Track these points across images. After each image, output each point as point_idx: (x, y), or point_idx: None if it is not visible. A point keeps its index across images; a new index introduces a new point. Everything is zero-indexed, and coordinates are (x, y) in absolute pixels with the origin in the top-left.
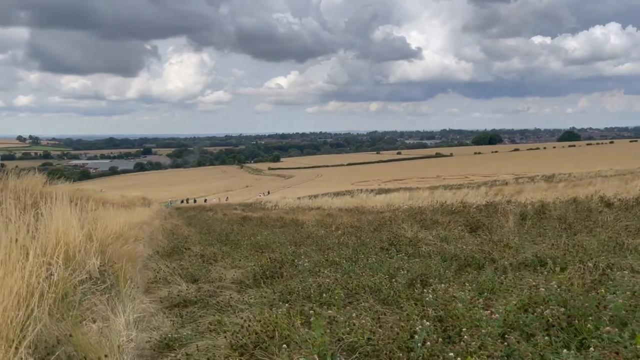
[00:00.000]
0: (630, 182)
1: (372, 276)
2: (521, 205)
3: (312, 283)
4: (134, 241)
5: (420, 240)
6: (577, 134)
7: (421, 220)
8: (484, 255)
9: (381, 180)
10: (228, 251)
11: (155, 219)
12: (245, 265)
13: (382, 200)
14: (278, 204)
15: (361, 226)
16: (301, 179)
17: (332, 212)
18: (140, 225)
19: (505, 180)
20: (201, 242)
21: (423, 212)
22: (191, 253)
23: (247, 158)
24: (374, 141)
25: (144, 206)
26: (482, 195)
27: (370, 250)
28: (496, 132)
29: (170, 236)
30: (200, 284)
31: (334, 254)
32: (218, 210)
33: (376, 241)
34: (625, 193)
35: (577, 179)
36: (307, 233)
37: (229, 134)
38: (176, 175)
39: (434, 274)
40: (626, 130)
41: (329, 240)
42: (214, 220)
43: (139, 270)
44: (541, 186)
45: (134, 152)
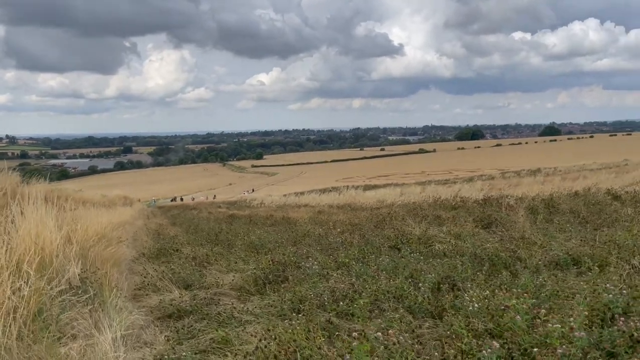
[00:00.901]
0: (624, 174)
1: (390, 279)
2: (524, 199)
3: (324, 289)
4: (118, 242)
5: (430, 237)
6: (557, 128)
7: (423, 216)
8: (509, 254)
9: (365, 177)
10: (222, 252)
11: (138, 218)
12: (244, 269)
13: (373, 196)
14: (264, 202)
15: (360, 223)
16: (285, 176)
17: (323, 209)
18: (123, 225)
19: (491, 175)
20: (190, 242)
21: (421, 207)
22: (181, 255)
23: (230, 156)
24: (357, 138)
25: (125, 205)
26: (478, 190)
27: (378, 250)
28: (478, 127)
29: (155, 236)
30: (194, 290)
31: (341, 254)
32: (202, 208)
33: (381, 239)
34: (624, 185)
35: (563, 172)
36: (303, 231)
37: (211, 132)
38: (158, 174)
39: (462, 277)
40: (605, 124)
41: (330, 239)
42: (199, 219)
43: (125, 277)
44: (538, 179)
45: (114, 150)
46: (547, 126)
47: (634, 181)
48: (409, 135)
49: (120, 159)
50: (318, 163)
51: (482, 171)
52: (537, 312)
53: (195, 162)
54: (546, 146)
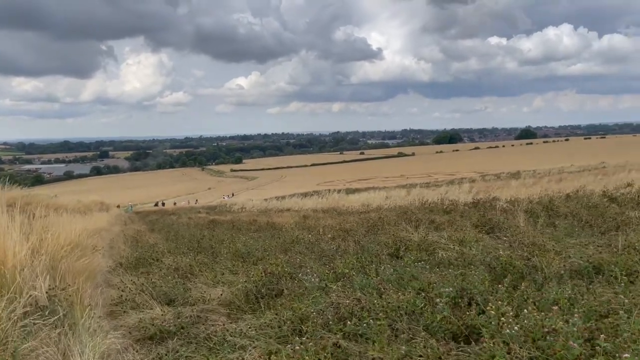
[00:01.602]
0: (610, 176)
1: (398, 293)
2: (519, 202)
3: (326, 305)
4: (93, 252)
5: (431, 244)
6: (533, 132)
7: (416, 220)
8: (523, 262)
9: (346, 181)
10: (206, 262)
11: (115, 224)
12: (232, 281)
13: (357, 200)
14: (245, 206)
15: (351, 228)
16: (265, 180)
17: (308, 214)
18: (99, 232)
19: (471, 178)
20: (171, 250)
21: (412, 211)
22: (162, 265)
23: (209, 160)
24: (337, 142)
25: (101, 211)
26: (465, 193)
27: (378, 258)
28: (456, 131)
29: (133, 244)
30: (178, 306)
31: (338, 263)
32: (182, 214)
33: (378, 246)
34: (612, 187)
35: (542, 175)
36: (291, 238)
37: (189, 136)
38: (135, 179)
39: (479, 290)
40: (579, 128)
41: (323, 246)
42: (179, 224)
43: (100, 293)
44: (526, 182)
45: (90, 155)
46: (523, 129)
47: (623, 183)
48: (388, 139)
49: (97, 164)
50: (298, 167)
51: (462, 174)
52: (588, 335)
53: (174, 167)
54: (523, 149)
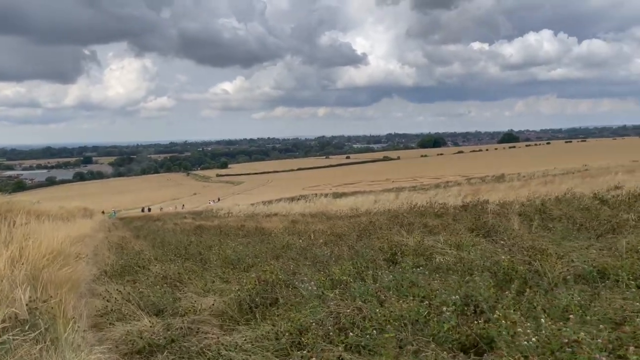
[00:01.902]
0: (596, 178)
1: (399, 300)
2: (511, 204)
3: (325, 315)
4: (76, 260)
5: (427, 248)
6: (515, 135)
7: (409, 224)
8: (525, 267)
9: (332, 185)
10: (196, 270)
11: (99, 231)
12: (224, 289)
13: (345, 204)
14: (231, 211)
15: (343, 233)
16: (251, 185)
17: (296, 218)
18: (82, 238)
19: (457, 181)
20: (158, 257)
21: (403, 215)
22: (149, 273)
23: (194, 165)
24: (323, 146)
25: (85, 217)
26: (455, 196)
27: (374, 263)
28: (440, 135)
29: (118, 251)
30: (167, 317)
31: (334, 269)
32: (167, 219)
33: (373, 251)
34: (599, 190)
35: (527, 178)
36: (282, 243)
37: (174, 141)
38: (119, 185)
39: (485, 296)
40: (560, 131)
41: (316, 251)
42: (164, 230)
43: (84, 304)
44: (514, 185)
45: (73, 161)
46: (505, 133)
47: (611, 185)
48: (373, 143)
49: (80, 170)
50: (284, 172)
51: (447, 178)
52: (613, 345)
53: (158, 172)
54: (506, 152)
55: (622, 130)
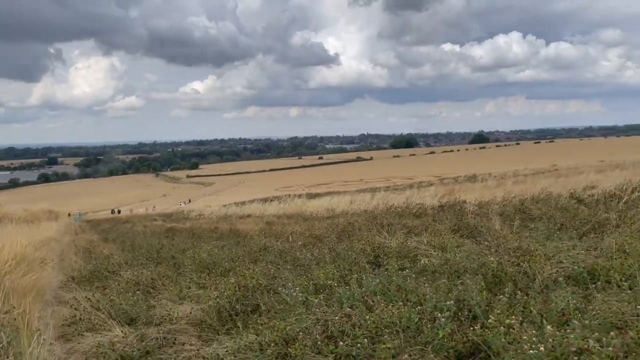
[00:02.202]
0: (568, 177)
1: (388, 305)
2: (489, 204)
3: (312, 323)
4: (41, 265)
5: (411, 250)
6: (486, 136)
7: (388, 225)
8: (513, 269)
9: (305, 185)
10: (170, 275)
11: (65, 234)
12: (201, 296)
13: (321, 205)
14: (203, 213)
15: (322, 235)
16: (223, 186)
17: (271, 220)
18: (48, 242)
19: (429, 182)
20: (128, 262)
21: (381, 216)
22: (119, 279)
23: (163, 166)
24: (295, 147)
25: (50, 220)
26: (431, 196)
27: (358, 266)
28: (412, 135)
29: (86, 256)
30: (141, 327)
31: (317, 273)
32: (136, 221)
33: (354, 253)
34: (574, 190)
35: (498, 178)
36: (258, 246)
37: (143, 142)
38: (86, 186)
39: (477, 300)
40: (529, 132)
41: (297, 254)
42: (134, 233)
43: (51, 313)
44: (490, 185)
45: (37, 162)
46: (476, 134)
47: (585, 185)
48: (346, 143)
49: (45, 171)
50: (256, 172)
51: (420, 178)
52: (624, 354)
53: (127, 173)
54: (477, 153)
55: (589, 131)
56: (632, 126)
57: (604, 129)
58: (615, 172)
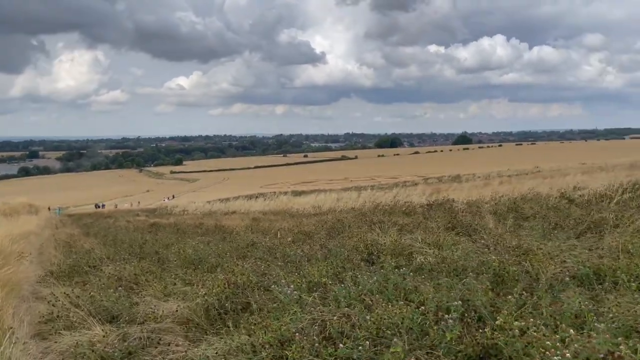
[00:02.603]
0: (550, 178)
1: (388, 305)
2: (479, 203)
3: (308, 323)
4: (18, 259)
5: (405, 248)
6: (469, 137)
7: (379, 222)
8: (515, 269)
9: (290, 183)
10: (154, 271)
11: (45, 228)
12: (187, 292)
13: (307, 202)
14: (187, 209)
15: (311, 232)
16: (207, 183)
17: (257, 216)
18: (27, 236)
19: (414, 181)
20: (110, 257)
21: (370, 213)
22: (100, 274)
23: (147, 161)
24: (280, 144)
25: (30, 214)
26: (419, 195)
27: (351, 264)
28: (396, 135)
29: (66, 250)
30: (123, 325)
31: (310, 270)
32: (119, 216)
33: (346, 250)
34: (563, 190)
35: (482, 178)
36: (245, 242)
37: (127, 137)
38: (68, 180)
39: (482, 300)
40: (511, 134)
41: (286, 251)
42: (116, 228)
43: (26, 309)
44: (477, 184)
45: (18, 155)
46: (459, 135)
47: (570, 186)
48: (331, 142)
49: (25, 165)
50: (241, 169)
51: (404, 178)
52: None
53: (110, 168)
54: (460, 154)
55: (569, 134)
56: (612, 130)
57: (584, 132)
58: (601, 174)
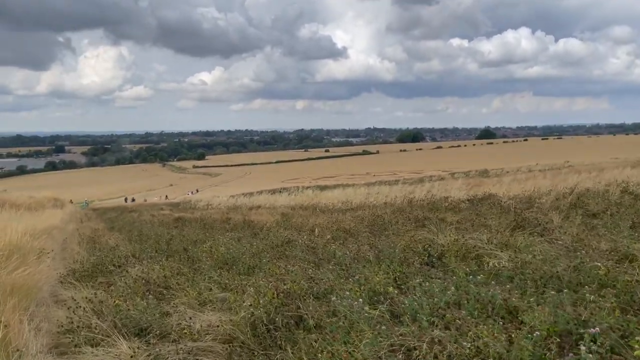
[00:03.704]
0: (592, 173)
1: (479, 325)
2: (530, 199)
3: (386, 349)
4: (38, 256)
5: (469, 249)
6: (492, 132)
7: (423, 218)
8: (628, 278)
9: (312, 178)
10: (185, 272)
11: (70, 222)
12: (226, 300)
13: (335, 196)
14: (211, 203)
15: (351, 229)
16: (229, 177)
17: (285, 211)
18: (50, 231)
19: (440, 176)
20: (135, 254)
21: (407, 209)
22: (126, 275)
23: (170, 156)
24: (301, 139)
25: (55, 208)
26: (457, 189)
27: (411, 267)
28: (418, 130)
29: (90, 246)
30: (153, 341)
31: (373, 277)
32: (143, 210)
33: (399, 251)
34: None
35: (512, 173)
36: (279, 239)
37: (150, 132)
38: (92, 175)
39: (611, 323)
40: (535, 129)
41: (331, 250)
42: (141, 222)
43: (43, 315)
44: (519, 178)
45: (45, 150)
46: (483, 130)
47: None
48: (352, 137)
49: (52, 159)
50: (262, 164)
51: (428, 172)
52: None
53: (133, 163)
54: (485, 148)
55: (596, 128)
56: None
57: (611, 126)
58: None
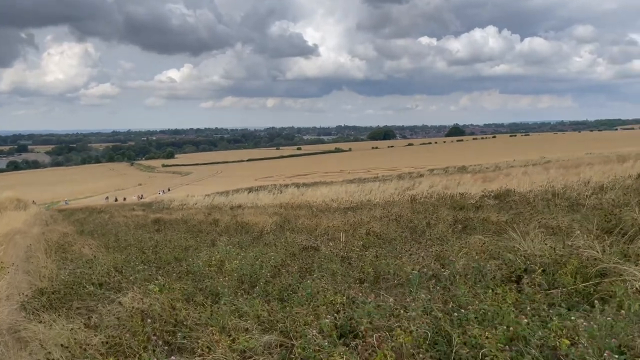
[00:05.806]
0: (614, 164)
1: None
2: (557, 192)
3: None
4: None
5: (583, 262)
6: (461, 129)
7: (463, 219)
8: None
9: (285, 176)
10: (201, 302)
11: (34, 225)
12: (277, 349)
13: (322, 194)
14: (186, 203)
15: (381, 233)
16: (201, 176)
17: (277, 211)
18: (12, 236)
19: (419, 173)
20: (119, 267)
21: (429, 209)
22: (114, 302)
23: (138, 155)
24: (272, 137)
25: (18, 209)
26: (469, 185)
27: (497, 286)
28: (389, 128)
29: (59, 255)
30: None
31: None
32: (114, 212)
33: (477, 264)
34: None
35: (492, 169)
36: (296, 246)
37: (117, 130)
38: (57, 175)
39: None
40: (502, 126)
41: (384, 266)
42: (114, 225)
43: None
44: (524, 171)
45: (6, 149)
46: (452, 127)
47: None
48: (323, 135)
49: (14, 159)
50: (234, 162)
51: (401, 169)
52: None
53: (100, 162)
54: (455, 146)
55: (561, 125)
56: (602, 121)
57: (575, 123)
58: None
